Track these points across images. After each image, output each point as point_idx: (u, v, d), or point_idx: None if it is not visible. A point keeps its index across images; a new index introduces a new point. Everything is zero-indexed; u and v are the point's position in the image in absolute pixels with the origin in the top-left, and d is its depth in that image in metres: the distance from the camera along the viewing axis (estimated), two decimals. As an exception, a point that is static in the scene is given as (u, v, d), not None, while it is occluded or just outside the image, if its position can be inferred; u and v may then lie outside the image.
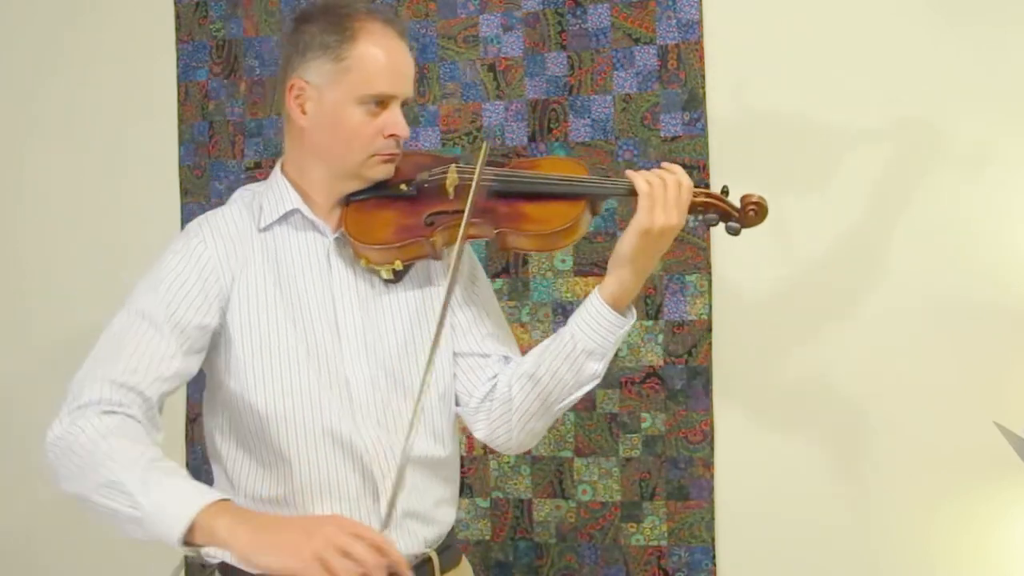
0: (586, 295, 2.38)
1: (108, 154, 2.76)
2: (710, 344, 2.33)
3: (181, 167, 2.69)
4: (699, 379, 2.33)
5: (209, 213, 1.64)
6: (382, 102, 1.56)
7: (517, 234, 1.58)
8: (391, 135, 1.57)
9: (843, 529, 2.27)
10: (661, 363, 2.35)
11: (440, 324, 1.51)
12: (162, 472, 1.36)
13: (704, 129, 2.33)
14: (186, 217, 2.68)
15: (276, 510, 1.56)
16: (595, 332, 1.55)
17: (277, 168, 1.67)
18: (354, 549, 1.28)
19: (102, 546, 2.76)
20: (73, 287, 2.78)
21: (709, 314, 2.33)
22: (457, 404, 1.69)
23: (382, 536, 1.34)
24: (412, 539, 1.60)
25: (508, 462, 2.43)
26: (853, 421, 2.26)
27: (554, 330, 2.36)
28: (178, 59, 2.69)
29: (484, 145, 1.62)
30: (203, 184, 2.67)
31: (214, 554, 1.55)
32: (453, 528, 1.70)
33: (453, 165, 1.63)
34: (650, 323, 2.35)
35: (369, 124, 1.56)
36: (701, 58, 2.33)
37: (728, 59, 2.33)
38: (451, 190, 1.61)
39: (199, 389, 2.64)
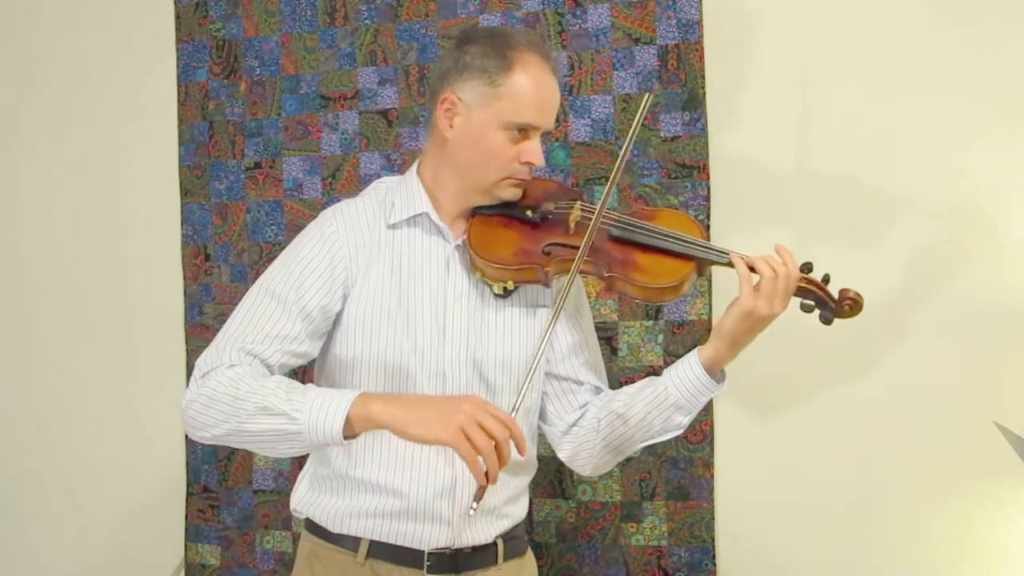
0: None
1: (108, 154, 2.76)
2: (710, 344, 2.33)
3: (181, 167, 2.69)
4: (699, 379, 2.33)
5: (344, 203, 1.74)
6: (524, 130, 1.66)
7: (626, 281, 1.67)
8: (527, 162, 1.67)
9: (843, 529, 2.27)
10: (661, 363, 2.35)
11: (544, 339, 1.63)
12: (302, 389, 1.52)
13: (704, 129, 2.33)
14: (186, 217, 2.68)
15: (350, 481, 1.69)
16: (687, 390, 1.67)
17: (413, 168, 1.76)
18: (489, 423, 1.44)
19: (102, 546, 2.77)
20: (73, 287, 2.79)
21: (709, 314, 2.33)
22: (545, 422, 1.82)
23: (509, 414, 1.49)
24: (481, 532, 1.71)
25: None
26: (853, 421, 2.26)
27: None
28: (178, 59, 2.69)
29: (647, 97, 1.69)
30: (203, 184, 2.67)
31: (300, 510, 1.76)
32: (523, 522, 1.81)
33: (579, 201, 1.74)
34: (650, 323, 2.35)
35: (509, 149, 1.66)
36: (701, 58, 2.33)
37: (728, 59, 2.33)
38: (572, 224, 1.71)
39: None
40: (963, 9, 2.20)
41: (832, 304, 1.67)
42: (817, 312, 1.68)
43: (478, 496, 1.48)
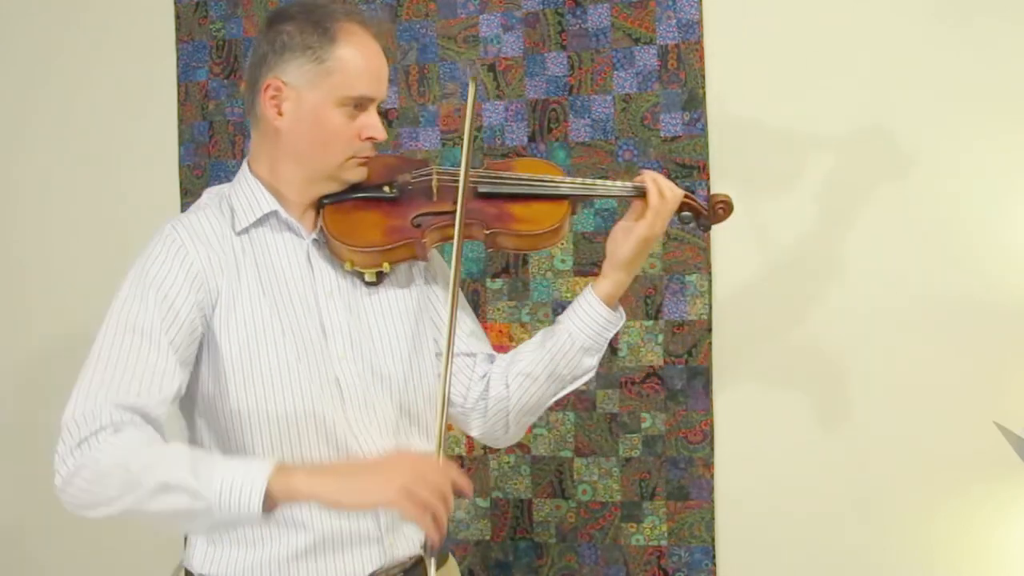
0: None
1: (108, 154, 2.76)
2: (710, 344, 2.33)
3: (181, 167, 2.69)
4: (699, 379, 2.33)
5: (180, 216, 1.61)
6: (360, 104, 1.56)
7: (507, 234, 1.64)
8: (368, 137, 1.58)
9: (843, 529, 2.27)
10: (661, 363, 2.35)
11: (451, 323, 1.53)
12: (208, 460, 1.36)
13: (704, 129, 2.33)
14: (186, 217, 2.68)
15: (278, 532, 1.54)
16: (592, 330, 1.63)
17: (245, 168, 1.64)
18: (431, 477, 1.35)
19: (102, 547, 2.77)
20: (73, 287, 2.78)
21: (709, 314, 2.33)
22: (448, 404, 1.67)
23: (446, 462, 1.41)
24: (408, 543, 1.61)
25: (508, 462, 2.43)
26: (853, 421, 2.26)
27: (554, 330, 2.39)
28: (178, 59, 2.69)
29: (472, 84, 1.65)
30: (203, 184, 2.66)
31: (204, 573, 1.57)
32: (422, 544, 1.67)
33: (434, 166, 1.68)
34: (650, 323, 2.35)
35: (348, 126, 1.56)
36: (701, 58, 2.33)
37: (728, 59, 2.33)
38: (436, 191, 1.64)
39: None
40: (963, 9, 2.20)
41: (705, 211, 1.70)
42: (695, 223, 1.71)
43: (433, 553, 1.40)
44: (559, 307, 2.38)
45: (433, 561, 1.42)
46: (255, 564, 1.54)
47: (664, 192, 1.60)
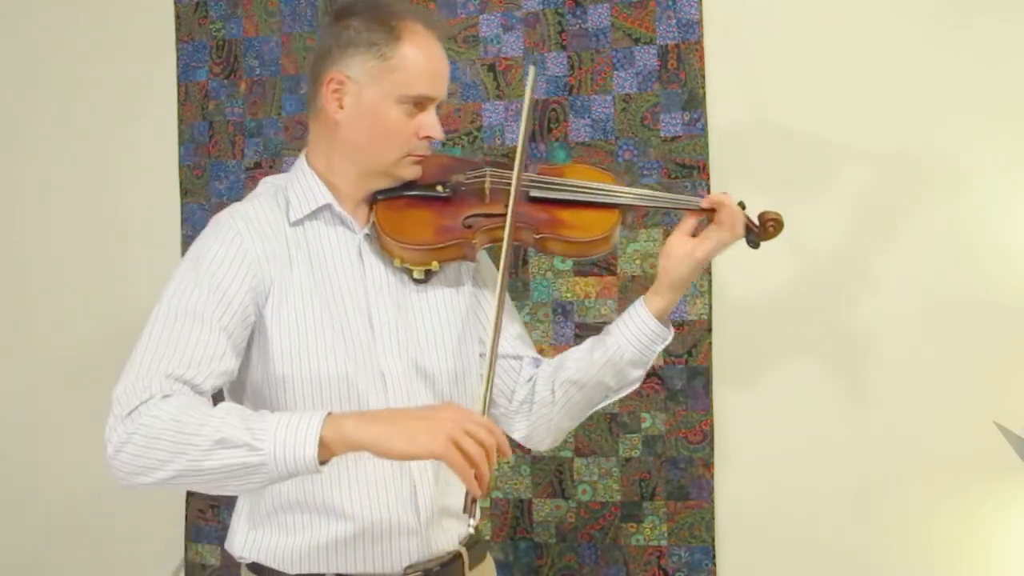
0: (586, 295, 2.39)
1: (108, 154, 2.76)
2: (710, 344, 2.33)
3: (181, 167, 2.69)
4: (699, 379, 2.33)
5: (237, 205, 1.62)
6: (420, 103, 1.58)
7: (557, 240, 1.64)
8: (425, 136, 1.60)
9: (843, 529, 2.27)
10: (661, 363, 2.35)
11: (497, 326, 1.53)
12: (260, 415, 1.36)
13: (704, 129, 2.33)
14: (186, 217, 2.68)
15: (298, 511, 1.56)
16: (641, 343, 1.65)
17: (302, 159, 1.66)
18: (477, 431, 1.34)
19: (102, 546, 2.77)
20: (73, 287, 2.79)
21: (709, 314, 2.33)
22: (492, 405, 1.69)
23: (490, 420, 1.39)
24: (447, 536, 1.63)
25: (508, 462, 2.43)
26: (853, 421, 2.26)
27: (554, 330, 2.39)
28: (178, 59, 2.69)
29: (532, 70, 1.65)
30: (203, 184, 2.67)
31: (245, 556, 1.60)
32: (464, 503, 1.71)
33: (487, 168, 1.68)
34: (650, 323, 2.35)
35: (406, 124, 1.58)
36: (701, 58, 2.33)
37: (728, 59, 2.33)
38: (488, 193, 1.65)
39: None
40: (963, 9, 2.20)
41: (755, 229, 1.69)
42: (744, 240, 1.69)
43: (471, 510, 1.39)
44: (559, 307, 2.39)
45: (476, 515, 1.41)
46: (295, 550, 1.56)
47: (730, 204, 1.62)
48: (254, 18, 2.63)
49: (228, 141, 2.65)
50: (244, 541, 1.60)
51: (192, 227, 2.67)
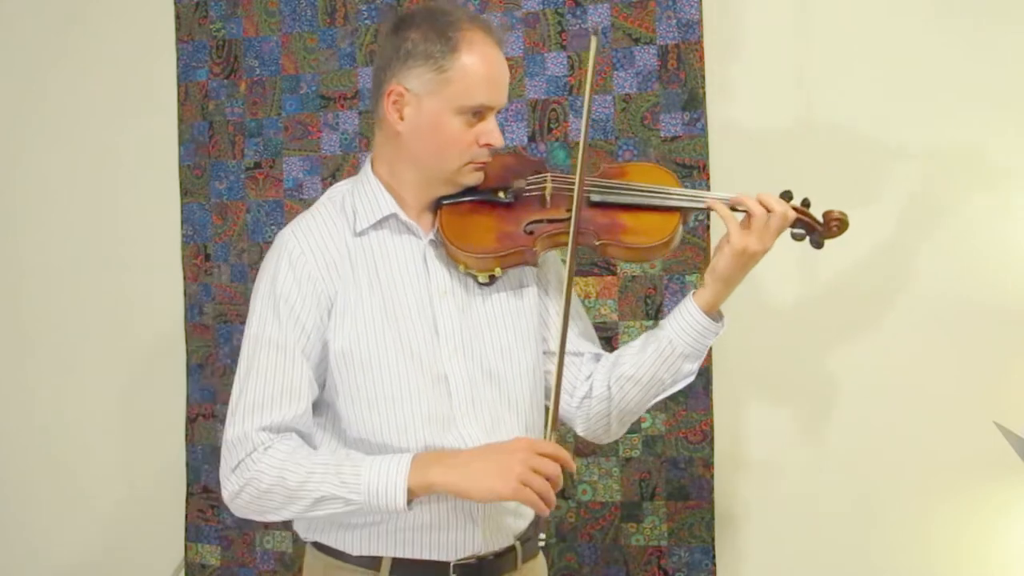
0: (586, 295, 2.39)
1: (108, 154, 2.76)
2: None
3: (181, 167, 2.69)
4: (699, 379, 2.32)
5: (300, 220, 1.66)
6: (479, 113, 1.60)
7: (618, 246, 1.64)
8: (486, 144, 1.61)
9: (843, 529, 2.27)
10: (661, 363, 2.35)
11: (565, 324, 1.59)
12: (351, 465, 1.53)
13: (704, 129, 2.33)
14: (186, 217, 2.68)
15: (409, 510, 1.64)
16: (691, 337, 1.66)
17: (367, 168, 1.69)
18: (542, 466, 1.49)
19: (103, 546, 2.77)
20: (73, 286, 2.79)
21: (709, 314, 2.32)
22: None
23: (554, 444, 1.53)
24: (503, 533, 1.67)
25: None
26: (853, 421, 2.27)
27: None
28: (178, 59, 2.69)
29: (594, 39, 1.63)
30: (203, 184, 2.67)
31: (309, 537, 1.71)
32: (533, 521, 1.75)
33: (549, 173, 1.69)
34: (650, 323, 2.35)
35: (466, 133, 1.59)
36: (701, 58, 2.33)
37: (728, 59, 2.33)
38: (548, 198, 1.66)
39: (198, 389, 2.66)
40: (963, 9, 2.20)
41: (820, 228, 1.66)
42: (807, 239, 1.67)
43: (542, 527, 1.63)
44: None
45: (541, 536, 1.64)
46: (357, 535, 1.63)
47: (772, 207, 1.60)
48: (254, 18, 2.63)
49: (228, 141, 2.65)
50: (309, 525, 1.69)
51: (192, 227, 2.67)
